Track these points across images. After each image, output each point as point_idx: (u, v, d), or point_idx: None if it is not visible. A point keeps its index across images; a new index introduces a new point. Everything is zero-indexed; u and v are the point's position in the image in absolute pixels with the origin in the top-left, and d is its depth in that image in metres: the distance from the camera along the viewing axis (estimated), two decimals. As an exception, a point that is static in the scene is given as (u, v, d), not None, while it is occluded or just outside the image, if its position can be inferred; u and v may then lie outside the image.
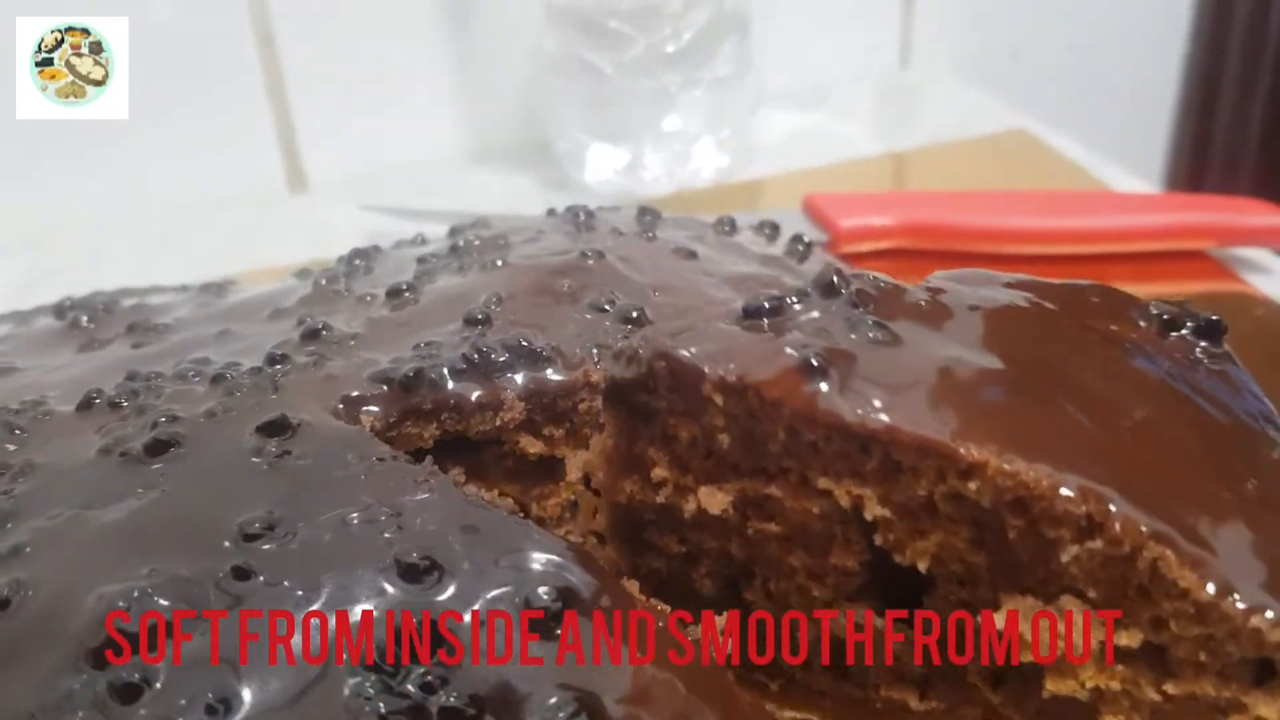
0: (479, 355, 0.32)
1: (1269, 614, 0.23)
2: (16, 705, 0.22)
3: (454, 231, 0.45)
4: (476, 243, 0.40)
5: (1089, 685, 0.26)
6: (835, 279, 0.29)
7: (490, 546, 0.26)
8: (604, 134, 0.68)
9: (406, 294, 0.36)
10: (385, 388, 0.31)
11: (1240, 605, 0.23)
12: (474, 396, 0.31)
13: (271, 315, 0.37)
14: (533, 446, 0.33)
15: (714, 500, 0.28)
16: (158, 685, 0.22)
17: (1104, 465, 0.25)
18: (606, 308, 0.34)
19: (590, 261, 0.37)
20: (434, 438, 0.31)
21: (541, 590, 0.25)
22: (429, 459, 0.29)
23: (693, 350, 0.27)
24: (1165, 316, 0.31)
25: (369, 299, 0.37)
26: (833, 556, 0.28)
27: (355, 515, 0.26)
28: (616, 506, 0.31)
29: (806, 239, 0.46)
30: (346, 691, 0.22)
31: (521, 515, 0.27)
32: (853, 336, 0.28)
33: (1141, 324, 0.31)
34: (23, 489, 0.28)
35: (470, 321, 0.33)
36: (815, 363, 0.26)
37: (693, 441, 0.28)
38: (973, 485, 0.25)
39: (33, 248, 0.67)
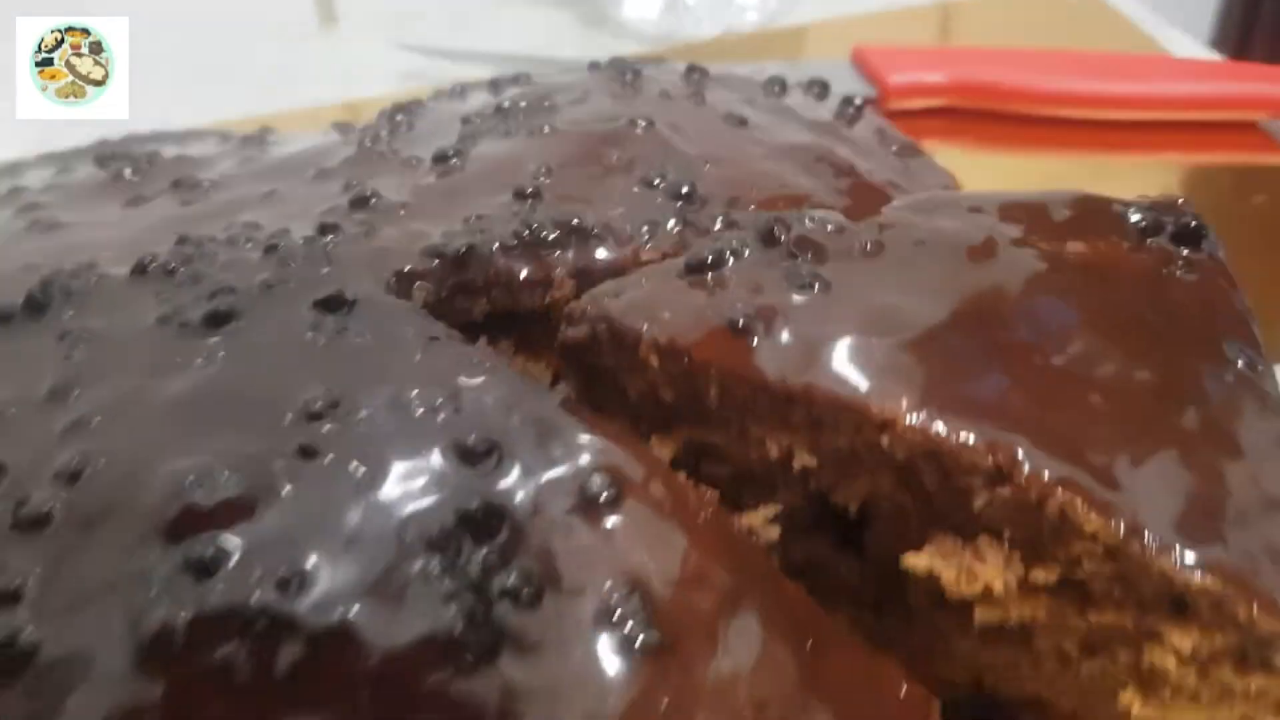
0: (529, 232, 0.32)
1: (1175, 556, 0.24)
2: (96, 576, 0.23)
3: (495, 86, 0.44)
4: (522, 104, 0.40)
5: (1014, 616, 0.27)
6: (775, 228, 0.30)
7: (545, 432, 0.27)
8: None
9: (453, 160, 0.36)
10: (437, 262, 0.31)
11: (1149, 547, 0.24)
12: (524, 274, 0.31)
13: (317, 176, 0.37)
14: None
15: (664, 450, 0.29)
16: (232, 562, 0.23)
17: (1024, 412, 0.26)
18: (657, 183, 0.34)
19: (639, 130, 0.37)
20: (484, 312, 0.32)
21: (595, 477, 0.25)
22: (483, 339, 0.29)
23: (630, 312, 0.28)
24: (1143, 223, 0.30)
25: (414, 163, 0.37)
26: (778, 497, 0.29)
27: (414, 397, 0.27)
28: None
29: (857, 100, 0.45)
30: (413, 571, 0.23)
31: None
32: (786, 288, 0.29)
33: (1114, 237, 0.31)
34: (81, 356, 0.29)
35: (520, 195, 0.33)
36: (743, 322, 0.27)
37: (640, 396, 0.29)
38: (885, 440, 0.26)
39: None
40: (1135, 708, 0.26)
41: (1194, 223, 0.31)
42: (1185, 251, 0.30)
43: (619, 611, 0.24)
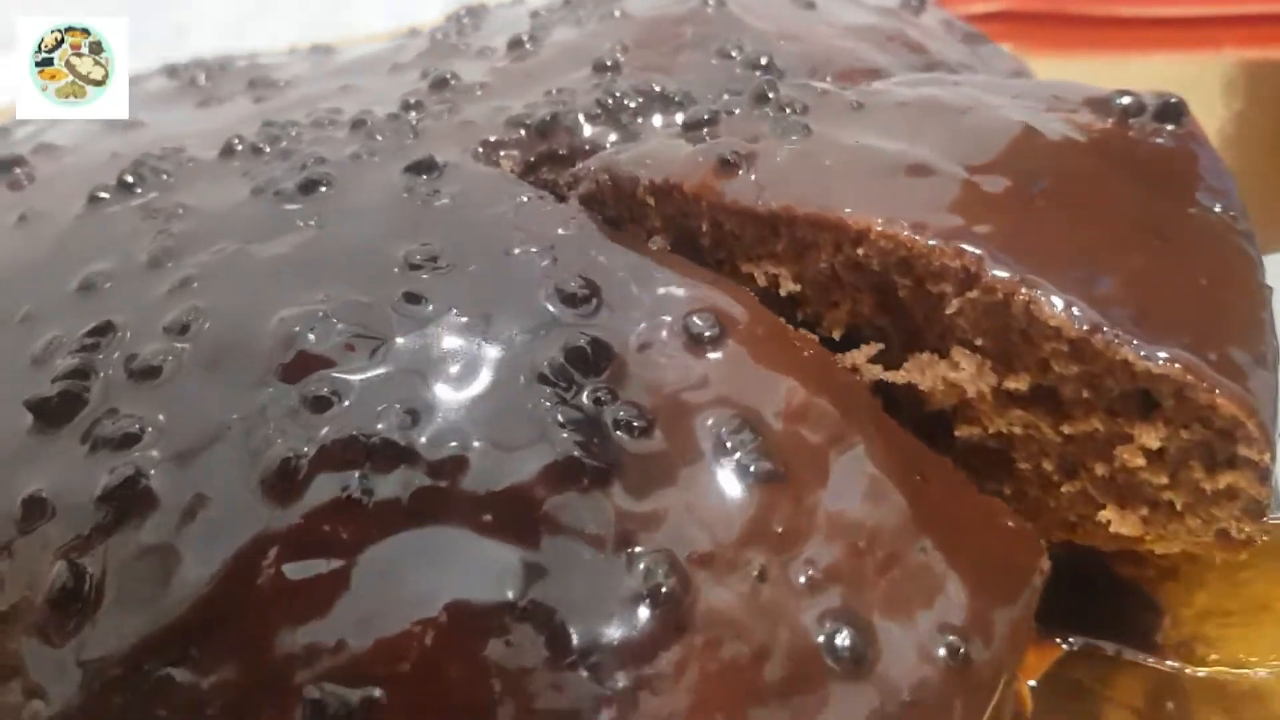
0: (612, 100, 0.32)
1: (1136, 347, 0.25)
2: (216, 416, 0.24)
3: (556, -11, 0.44)
4: (590, -3, 0.40)
5: (992, 430, 0.28)
6: (766, 88, 0.32)
7: (643, 278, 0.27)
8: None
9: (527, 45, 0.36)
10: (522, 132, 0.31)
11: (1111, 339, 0.25)
12: (610, 140, 0.31)
13: (391, 70, 0.37)
14: None
15: None
16: (348, 400, 0.23)
17: (993, 227, 0.27)
18: (734, 54, 0.34)
19: (710, 9, 0.36)
20: (567, 183, 0.32)
21: (696, 316, 0.26)
22: (574, 197, 0.29)
23: (629, 163, 0.30)
24: (1126, 104, 0.31)
25: (488, 52, 0.37)
26: None
27: (514, 248, 0.27)
28: None
29: (920, -6, 0.44)
30: (528, 405, 0.23)
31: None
32: (772, 134, 0.30)
33: (1098, 114, 0.31)
34: (180, 228, 0.29)
35: (599, 68, 0.33)
36: (730, 159, 0.29)
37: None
38: (861, 251, 0.27)
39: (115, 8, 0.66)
40: (1115, 524, 0.27)
41: (1173, 100, 0.31)
42: (1169, 127, 0.31)
43: (730, 442, 0.24)
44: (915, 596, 0.24)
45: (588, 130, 0.31)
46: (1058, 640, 0.29)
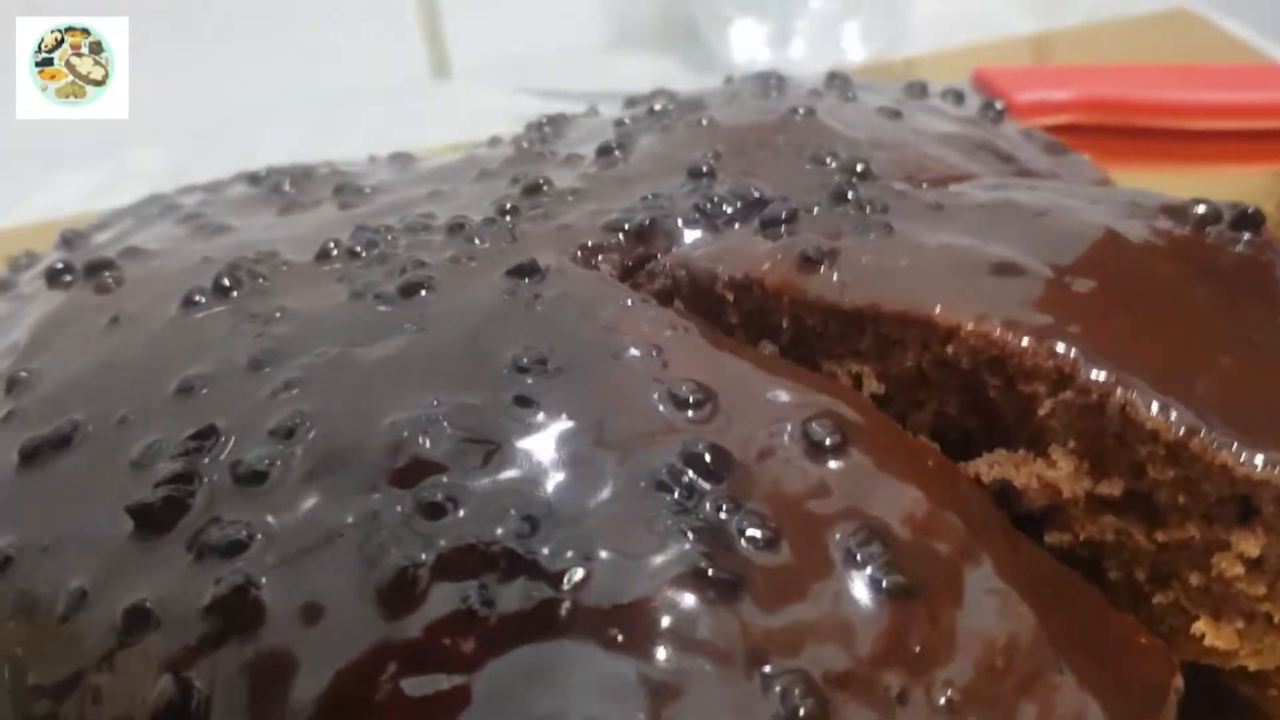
0: (710, 205, 0.31)
1: (1236, 450, 0.24)
2: (327, 523, 0.23)
3: (633, 102, 0.45)
4: (672, 107, 0.40)
5: (1083, 537, 0.27)
6: (845, 188, 0.32)
7: (757, 382, 0.26)
8: (749, 8, 0.67)
9: (616, 153, 0.36)
10: (620, 237, 0.31)
11: (1209, 442, 0.24)
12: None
13: (479, 176, 0.37)
14: None
15: None
16: (464, 508, 0.23)
17: (1085, 326, 0.26)
18: (829, 161, 0.34)
19: (799, 118, 0.36)
20: (665, 287, 0.31)
21: (816, 424, 0.25)
22: (676, 302, 0.29)
23: (706, 257, 0.30)
24: (1203, 212, 0.31)
25: (576, 159, 0.37)
26: None
27: (622, 351, 0.26)
28: None
29: (997, 105, 0.44)
30: (649, 513, 0.23)
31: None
32: (854, 231, 0.30)
33: (1180, 226, 0.31)
34: (280, 331, 0.29)
35: (694, 174, 0.33)
36: (811, 255, 0.29)
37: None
38: (950, 349, 0.26)
39: (183, 138, 0.68)
40: (1209, 636, 0.26)
41: (1250, 210, 0.31)
42: (1245, 236, 0.31)
43: (859, 555, 0.23)
44: (1056, 718, 0.23)
45: (687, 235, 0.31)
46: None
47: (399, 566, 0.22)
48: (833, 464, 0.24)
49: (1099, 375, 0.25)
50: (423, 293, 0.29)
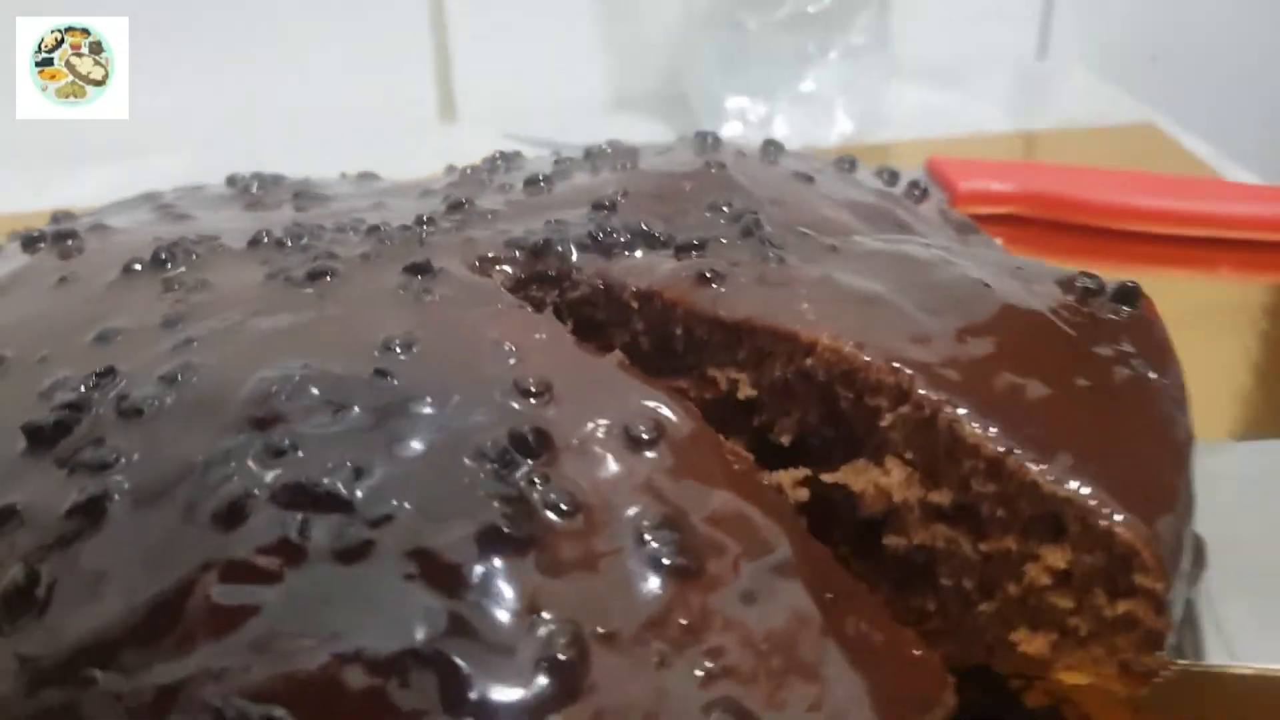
0: (603, 234, 0.35)
1: (1047, 471, 0.27)
2: (186, 457, 0.26)
3: (589, 152, 0.48)
4: (609, 151, 0.43)
5: (916, 542, 0.30)
6: (753, 227, 0.36)
7: (596, 382, 0.29)
8: (742, 89, 0.71)
9: (541, 184, 0.40)
10: (517, 253, 0.34)
11: (1024, 461, 0.27)
12: (596, 266, 0.34)
13: (422, 194, 0.41)
14: None
15: None
16: (302, 451, 0.26)
17: (930, 354, 0.30)
18: (724, 209, 0.37)
19: (713, 171, 0.40)
20: (554, 302, 0.35)
21: (639, 421, 0.28)
22: (549, 310, 0.32)
23: (621, 271, 0.34)
24: (1088, 284, 0.34)
25: (508, 187, 0.40)
26: (729, 437, 0.32)
27: (485, 344, 0.29)
28: None
29: (923, 183, 0.47)
30: (466, 477, 0.26)
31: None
32: (751, 261, 0.34)
33: (1061, 293, 0.34)
34: (195, 299, 0.32)
35: (597, 206, 0.36)
36: (707, 275, 0.33)
37: (624, 346, 0.33)
38: (809, 361, 0.30)
39: (193, 146, 0.73)
40: (1024, 645, 0.29)
41: (1130, 284, 0.34)
42: (1124, 308, 0.34)
43: (650, 536, 0.26)
44: (809, 705, 0.25)
45: (576, 256, 0.34)
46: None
47: (234, 495, 0.25)
48: (647, 454, 0.27)
49: (932, 394, 0.29)
50: (327, 278, 0.32)
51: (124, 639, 0.23)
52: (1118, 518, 0.27)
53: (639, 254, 0.35)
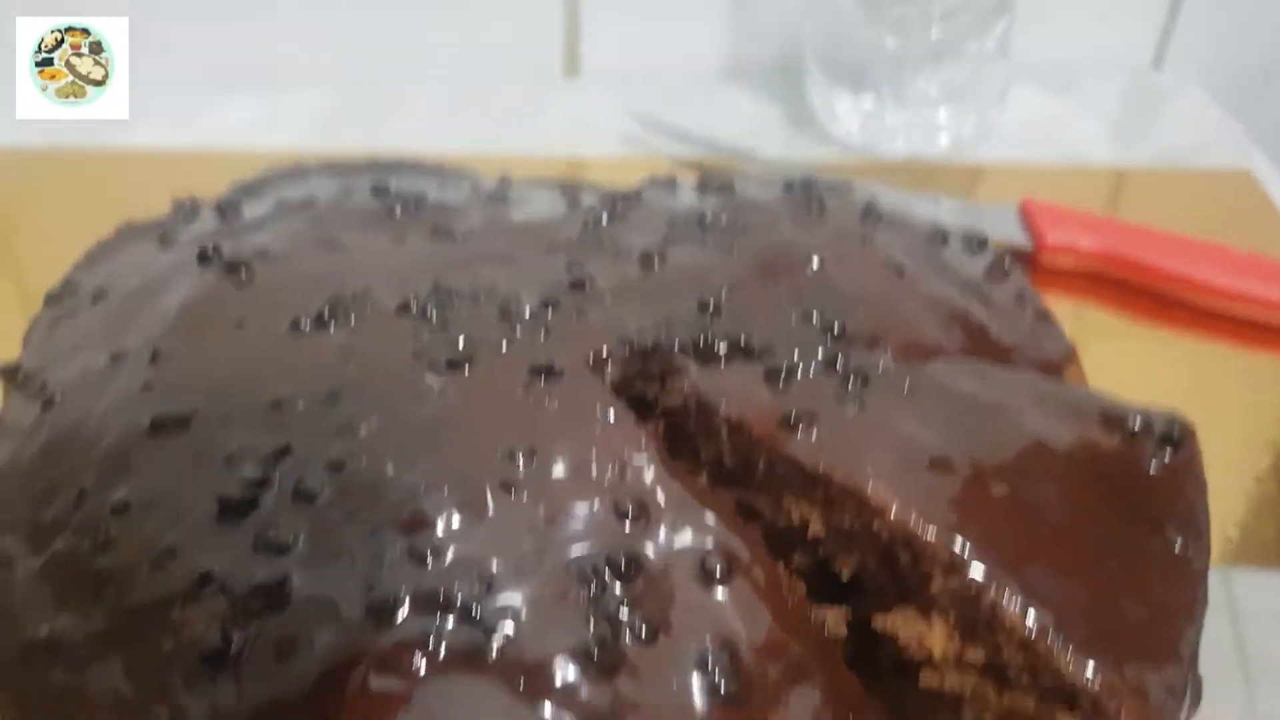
0: (704, 343, 0.40)
1: (1069, 655, 0.32)
2: (345, 547, 0.32)
3: (703, 188, 0.53)
4: (722, 218, 0.48)
5: (949, 685, 0.35)
6: (838, 359, 0.40)
7: (683, 510, 0.35)
8: (855, 84, 0.73)
9: (655, 261, 0.44)
10: (627, 350, 0.39)
11: (1053, 647, 0.32)
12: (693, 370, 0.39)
13: (548, 249, 0.46)
14: None
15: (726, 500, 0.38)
16: (446, 559, 0.32)
17: (986, 527, 0.34)
18: (814, 319, 0.41)
19: (812, 269, 0.44)
20: (654, 397, 0.40)
21: (713, 556, 0.33)
22: (651, 425, 0.37)
23: (715, 392, 0.38)
24: (1137, 424, 0.38)
25: (624, 256, 0.45)
26: (794, 556, 0.37)
27: (593, 459, 0.35)
28: None
29: (1007, 262, 0.51)
30: (567, 596, 0.31)
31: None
32: (835, 403, 0.38)
33: (1110, 435, 0.38)
34: (353, 370, 0.38)
35: (703, 307, 0.41)
36: (794, 418, 0.37)
37: (709, 458, 0.38)
38: (875, 523, 0.35)
39: (330, 84, 0.77)
40: None
41: (1178, 429, 0.38)
42: (1168, 451, 0.38)
43: (711, 662, 0.31)
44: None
45: (677, 359, 0.39)
46: None
47: (386, 592, 0.31)
48: (716, 589, 0.33)
49: (980, 573, 0.33)
50: (465, 369, 0.38)
51: (297, 709, 0.30)
52: (1124, 706, 0.32)
53: (736, 364, 0.39)
